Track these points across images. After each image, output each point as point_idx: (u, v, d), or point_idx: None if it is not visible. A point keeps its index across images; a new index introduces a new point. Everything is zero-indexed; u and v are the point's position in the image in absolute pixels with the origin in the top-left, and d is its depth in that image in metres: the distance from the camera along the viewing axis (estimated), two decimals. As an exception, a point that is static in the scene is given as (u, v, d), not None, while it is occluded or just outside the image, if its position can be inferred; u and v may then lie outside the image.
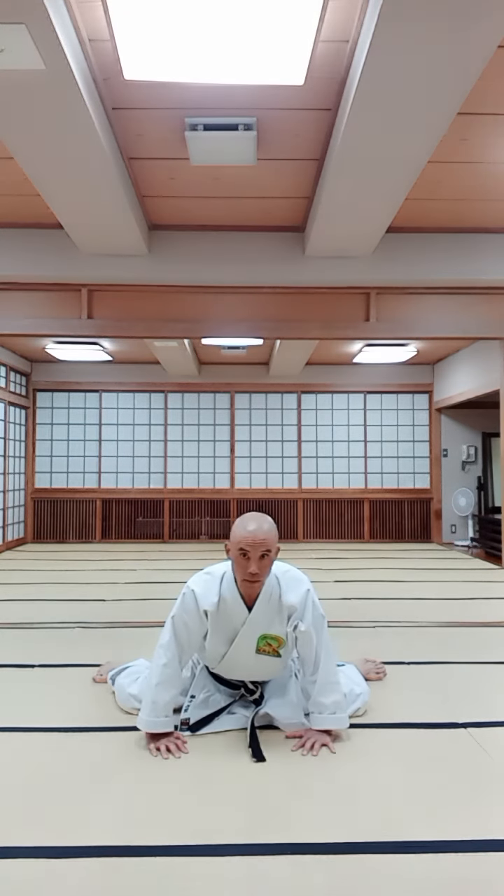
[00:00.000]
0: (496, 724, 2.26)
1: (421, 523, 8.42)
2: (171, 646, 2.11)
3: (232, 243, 4.66)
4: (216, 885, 1.41)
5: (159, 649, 2.12)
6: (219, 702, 2.25)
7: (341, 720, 2.11)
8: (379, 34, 2.26)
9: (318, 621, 2.13)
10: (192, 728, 2.16)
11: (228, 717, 2.22)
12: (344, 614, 3.98)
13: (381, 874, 1.45)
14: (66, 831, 1.61)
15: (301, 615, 2.10)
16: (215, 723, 2.19)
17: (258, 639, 2.11)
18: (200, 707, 2.23)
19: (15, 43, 2.29)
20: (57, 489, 8.36)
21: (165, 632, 2.13)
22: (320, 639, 2.12)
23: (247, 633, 2.11)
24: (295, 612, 2.11)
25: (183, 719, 2.18)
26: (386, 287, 4.87)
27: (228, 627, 2.13)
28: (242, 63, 2.58)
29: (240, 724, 2.18)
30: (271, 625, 2.12)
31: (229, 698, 2.27)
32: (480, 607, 4.31)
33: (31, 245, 4.61)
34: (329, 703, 2.09)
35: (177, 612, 2.13)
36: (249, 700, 2.27)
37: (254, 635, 2.11)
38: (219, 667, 2.22)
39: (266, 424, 8.53)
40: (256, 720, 2.16)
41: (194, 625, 2.12)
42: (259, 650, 2.12)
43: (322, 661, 2.11)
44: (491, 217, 4.43)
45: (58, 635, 3.53)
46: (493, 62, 2.66)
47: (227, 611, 2.11)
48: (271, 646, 2.12)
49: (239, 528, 2.08)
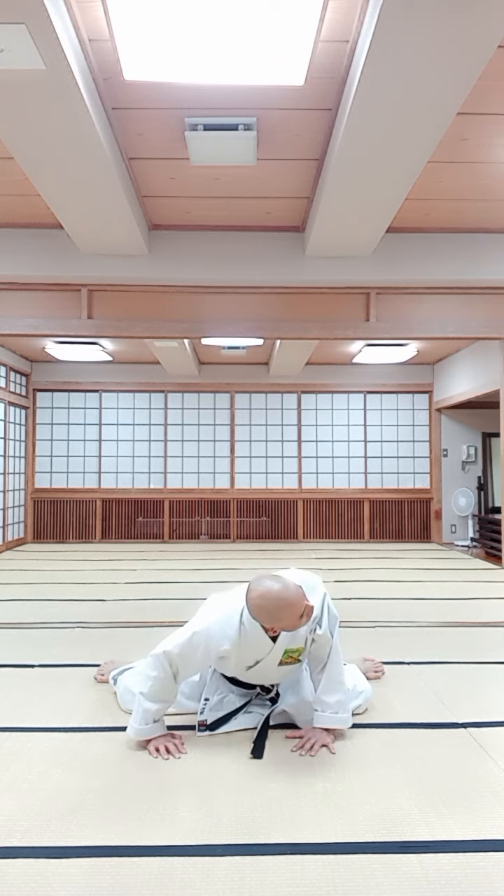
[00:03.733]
0: (496, 724, 2.26)
1: (421, 523, 8.42)
2: (163, 665, 2.01)
3: (232, 243, 4.66)
4: (215, 885, 1.41)
5: (152, 660, 2.03)
6: (234, 702, 2.23)
7: (344, 720, 2.10)
8: (379, 34, 2.26)
9: (333, 623, 2.12)
10: (211, 727, 2.15)
11: (245, 716, 2.21)
12: (344, 614, 3.93)
13: (381, 874, 1.44)
14: (66, 831, 1.61)
15: (319, 621, 2.08)
16: (232, 722, 2.18)
17: (282, 654, 2.07)
18: (216, 709, 2.20)
19: (15, 43, 2.29)
20: (57, 489, 8.36)
21: (161, 657, 2.01)
22: (334, 641, 2.11)
23: (272, 655, 2.05)
24: (315, 619, 2.07)
25: (200, 721, 2.17)
26: (386, 287, 4.87)
27: (251, 654, 2.07)
28: (242, 63, 2.58)
29: (256, 723, 2.16)
30: (295, 639, 2.06)
31: (244, 698, 2.25)
32: (480, 607, 4.31)
33: (31, 245, 4.61)
34: (333, 701, 2.09)
35: (177, 651, 2.00)
36: (266, 698, 2.25)
37: (278, 654, 2.06)
38: (239, 678, 2.20)
39: (266, 424, 8.53)
40: (273, 718, 2.16)
41: (195, 662, 2.05)
42: (282, 663, 2.09)
43: (330, 660, 2.11)
44: (491, 217, 4.43)
45: (58, 635, 3.53)
46: (493, 62, 2.67)
47: (249, 643, 2.03)
48: (293, 657, 2.10)
49: (272, 608, 1.91)
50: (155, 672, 2.02)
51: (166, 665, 2.01)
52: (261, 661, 2.07)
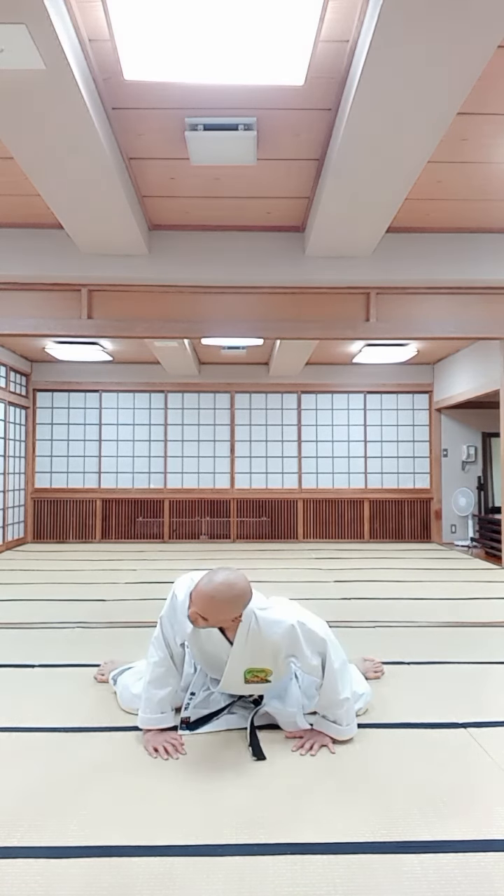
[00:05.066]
0: (496, 724, 2.26)
1: (421, 523, 8.42)
2: (160, 643, 2.14)
3: (232, 243, 4.66)
4: (216, 885, 1.41)
5: (151, 647, 2.17)
6: (219, 701, 2.25)
7: (340, 731, 2.08)
8: (379, 34, 2.26)
9: (320, 648, 2.05)
10: (191, 727, 2.16)
11: (228, 717, 2.21)
12: (344, 614, 3.98)
13: (381, 874, 1.45)
14: (66, 831, 1.61)
15: (293, 652, 2.03)
16: (215, 722, 2.19)
17: (244, 672, 2.07)
18: (200, 706, 2.23)
19: (15, 43, 2.29)
20: (57, 489, 8.36)
21: (156, 629, 2.17)
22: (328, 661, 2.06)
23: (233, 666, 2.05)
24: (281, 650, 2.03)
25: (183, 717, 2.18)
26: (386, 287, 4.87)
27: (214, 654, 2.09)
28: (242, 63, 2.58)
29: (239, 724, 2.18)
30: (255, 659, 2.05)
31: (230, 698, 2.26)
32: (480, 607, 4.31)
33: (31, 245, 4.61)
34: (331, 715, 2.08)
35: (165, 612, 2.16)
36: (249, 701, 2.26)
37: (240, 669, 2.06)
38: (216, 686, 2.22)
39: (266, 424, 8.53)
40: (256, 719, 2.16)
41: (178, 626, 2.11)
42: (247, 681, 2.09)
43: (325, 681, 2.06)
44: (491, 217, 4.43)
45: (58, 635, 3.53)
46: (493, 62, 2.67)
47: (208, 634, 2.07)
48: (259, 676, 2.08)
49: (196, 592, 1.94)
50: (155, 657, 2.12)
51: (160, 638, 2.12)
52: (225, 674, 2.07)
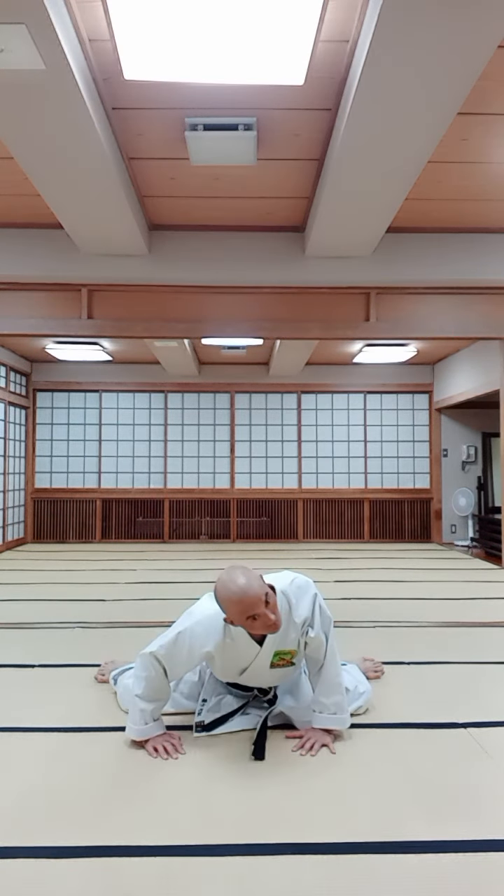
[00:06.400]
0: (496, 724, 2.26)
1: (421, 523, 8.42)
2: (156, 665, 2.05)
3: (232, 243, 4.66)
4: (216, 885, 1.41)
5: (141, 661, 2.06)
6: (231, 704, 2.24)
7: (342, 720, 2.10)
8: (379, 34, 2.26)
9: (327, 624, 2.11)
10: (207, 728, 2.15)
11: (242, 718, 2.21)
12: (344, 614, 3.98)
13: (381, 874, 1.44)
14: (66, 831, 1.61)
15: (311, 622, 2.07)
16: (230, 723, 2.18)
17: (272, 656, 2.07)
18: (213, 710, 2.21)
19: (15, 43, 2.29)
20: (57, 489, 8.36)
21: (154, 651, 2.04)
22: (329, 641, 2.11)
23: (261, 658, 2.05)
24: (306, 621, 2.07)
25: (197, 721, 2.17)
26: (386, 287, 4.87)
27: (239, 658, 2.07)
28: (242, 63, 2.58)
29: (254, 724, 2.16)
30: (284, 641, 2.06)
31: (242, 700, 2.25)
32: (480, 607, 4.31)
33: (31, 245, 4.61)
34: (330, 703, 2.09)
35: (164, 652, 2.03)
36: (263, 700, 2.25)
37: (268, 656, 2.06)
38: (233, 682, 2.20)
39: (266, 424, 8.53)
40: (270, 719, 2.16)
41: (181, 662, 2.05)
42: (273, 665, 2.09)
43: (326, 662, 2.10)
44: (491, 217, 4.43)
45: (58, 635, 3.53)
46: (493, 62, 2.67)
47: (236, 647, 2.04)
48: (285, 659, 2.09)
49: (230, 601, 1.90)
50: (145, 672, 2.05)
51: (155, 664, 2.04)
52: (252, 664, 2.06)
